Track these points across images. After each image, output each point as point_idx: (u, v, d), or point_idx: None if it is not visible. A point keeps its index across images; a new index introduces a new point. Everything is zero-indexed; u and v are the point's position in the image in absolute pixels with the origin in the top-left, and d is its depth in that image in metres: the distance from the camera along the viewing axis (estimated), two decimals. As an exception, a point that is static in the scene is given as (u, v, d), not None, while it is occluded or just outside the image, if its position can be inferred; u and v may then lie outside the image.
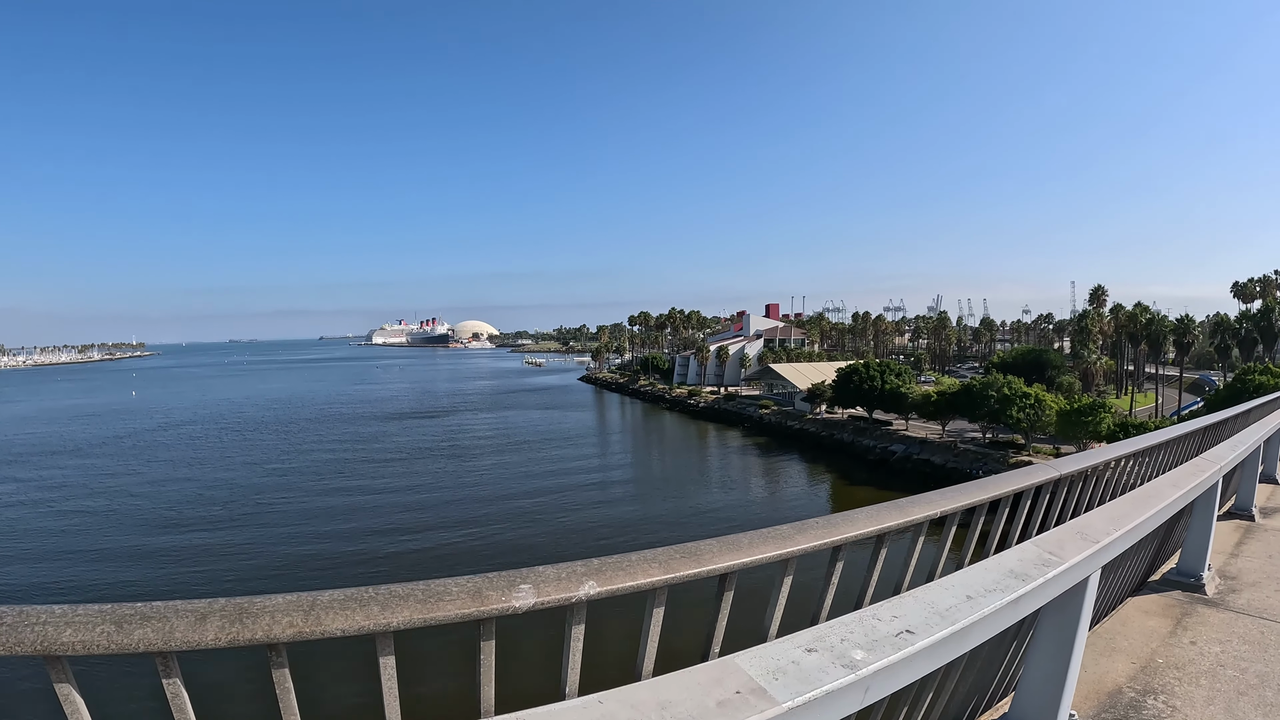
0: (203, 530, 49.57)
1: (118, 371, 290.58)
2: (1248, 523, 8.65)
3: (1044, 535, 3.38)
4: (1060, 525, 3.75)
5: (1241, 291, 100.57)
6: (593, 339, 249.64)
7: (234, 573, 40.63)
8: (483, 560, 41.99)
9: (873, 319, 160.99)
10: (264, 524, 51.13)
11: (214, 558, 43.62)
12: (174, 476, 67.84)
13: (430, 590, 1.90)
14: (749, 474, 71.38)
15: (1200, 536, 6.24)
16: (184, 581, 39.21)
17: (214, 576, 39.96)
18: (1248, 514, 8.81)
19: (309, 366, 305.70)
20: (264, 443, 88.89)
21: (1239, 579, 6.60)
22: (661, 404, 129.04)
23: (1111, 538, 3.44)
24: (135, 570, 41.79)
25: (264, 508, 55.61)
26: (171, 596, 1.67)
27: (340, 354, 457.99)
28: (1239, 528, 8.42)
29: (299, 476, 67.22)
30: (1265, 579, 6.65)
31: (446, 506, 55.20)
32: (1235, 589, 6.32)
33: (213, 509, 55.14)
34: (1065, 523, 3.77)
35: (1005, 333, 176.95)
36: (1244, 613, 5.73)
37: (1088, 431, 60.87)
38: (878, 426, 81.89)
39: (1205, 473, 5.37)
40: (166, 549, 45.50)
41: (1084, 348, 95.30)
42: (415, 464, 73.00)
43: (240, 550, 45.11)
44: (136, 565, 42.70)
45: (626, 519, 51.88)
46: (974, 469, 64.09)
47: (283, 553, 44.51)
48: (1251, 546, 7.66)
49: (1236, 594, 6.19)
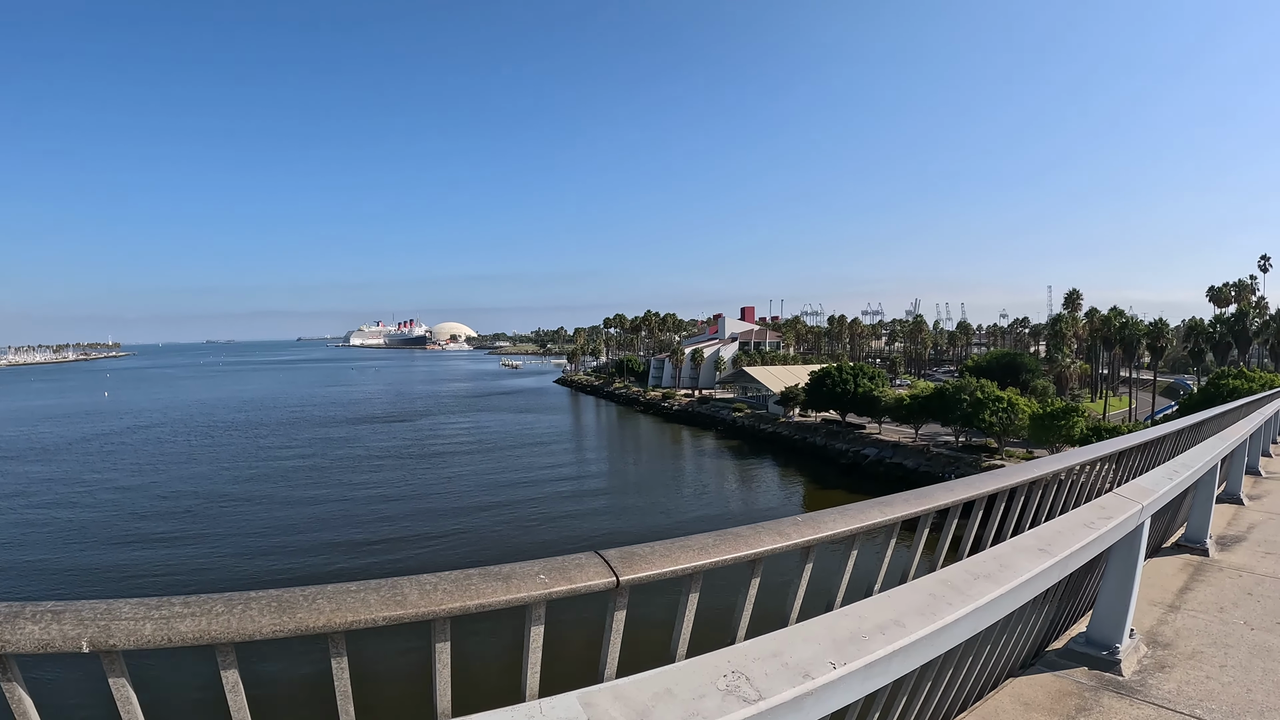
0: (161, 542, 47.43)
1: (92, 372, 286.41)
2: (1199, 559, 6.98)
3: None
4: None
5: (1217, 296, 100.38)
6: (570, 341, 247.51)
7: (192, 585, 38.67)
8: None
9: (848, 322, 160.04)
10: (225, 533, 49.03)
11: (171, 570, 41.72)
12: (137, 483, 65.71)
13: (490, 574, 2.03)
14: (721, 479, 69.56)
15: (1116, 596, 4.60)
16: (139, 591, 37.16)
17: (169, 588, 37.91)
18: (1200, 547, 7.16)
19: (284, 368, 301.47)
20: (230, 446, 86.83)
21: (1172, 648, 4.93)
22: (636, 407, 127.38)
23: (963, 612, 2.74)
24: (92, 582, 39.93)
25: (226, 515, 53.54)
26: None
27: (317, 355, 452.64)
28: (1186, 567, 6.76)
29: (262, 483, 64.91)
30: (1210, 646, 4.94)
31: (409, 517, 52.76)
32: (1166, 664, 4.68)
33: (172, 519, 52.94)
34: None
35: (981, 336, 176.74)
36: (1170, 708, 4.08)
37: (1060, 435, 60.03)
38: (850, 430, 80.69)
39: (1120, 515, 4.10)
40: (124, 561, 43.56)
41: (1058, 351, 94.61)
42: (380, 471, 70.73)
43: (199, 562, 43.17)
44: (93, 576, 40.86)
45: (593, 530, 49.85)
46: (946, 473, 62.94)
47: (240, 565, 42.57)
48: (1199, 595, 6.01)
49: (1166, 673, 4.55)
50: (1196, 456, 6.13)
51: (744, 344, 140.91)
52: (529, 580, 2.03)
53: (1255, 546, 7.41)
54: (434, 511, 54.62)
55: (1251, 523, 8.36)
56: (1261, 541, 7.61)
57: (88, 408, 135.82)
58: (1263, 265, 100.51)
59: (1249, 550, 7.27)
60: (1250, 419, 9.63)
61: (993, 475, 3.77)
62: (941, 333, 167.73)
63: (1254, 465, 11.34)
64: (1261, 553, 7.21)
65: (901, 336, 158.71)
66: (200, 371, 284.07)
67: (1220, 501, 8.82)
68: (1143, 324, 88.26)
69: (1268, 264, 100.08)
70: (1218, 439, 7.29)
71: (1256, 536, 7.79)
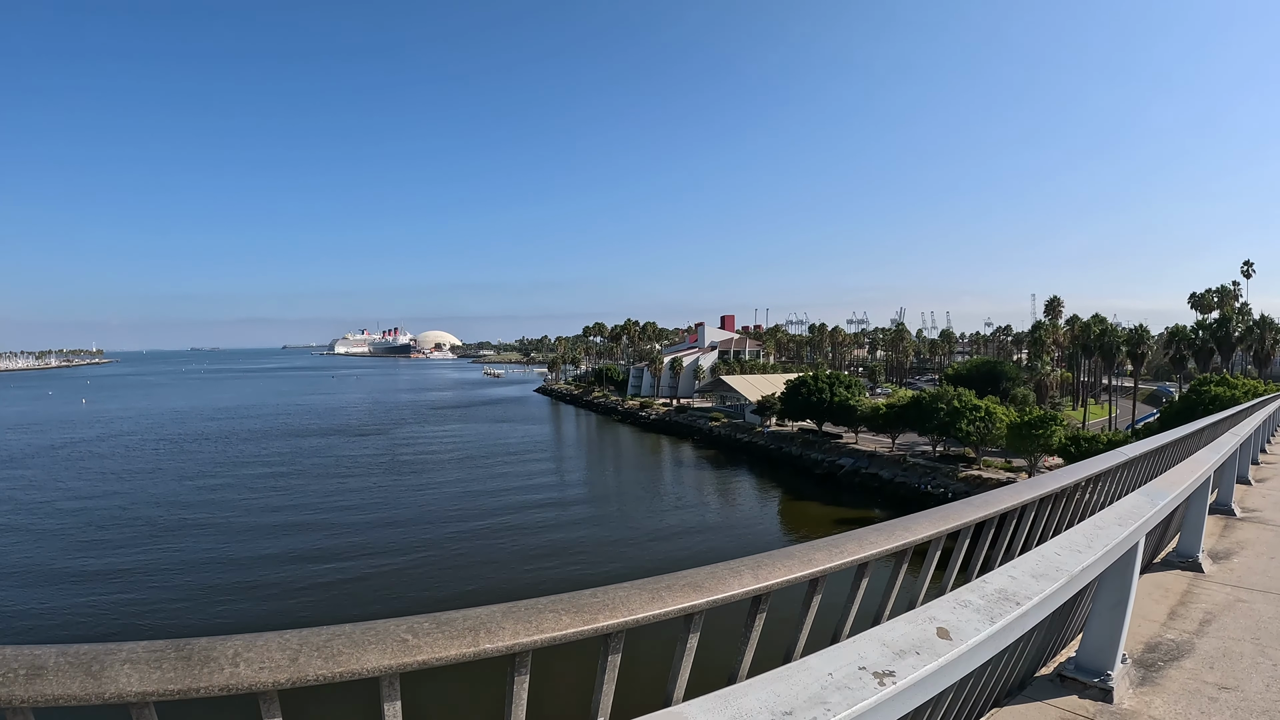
0: (116, 555, 45.53)
1: (73, 379, 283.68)
2: (1191, 574, 6.63)
3: None
4: None
5: (1200, 302, 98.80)
6: (553, 350, 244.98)
7: (141, 603, 37.24)
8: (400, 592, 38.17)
9: (829, 330, 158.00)
10: (184, 549, 46.94)
11: (124, 586, 39.93)
12: (100, 491, 64.39)
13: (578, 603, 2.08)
14: (697, 492, 66.91)
15: (1109, 618, 4.34)
16: (89, 614, 35.57)
17: (119, 607, 36.55)
18: (1192, 561, 6.79)
19: (264, 376, 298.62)
20: (199, 455, 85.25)
21: (1166, 669, 4.65)
22: (614, 416, 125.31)
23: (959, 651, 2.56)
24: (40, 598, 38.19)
25: (187, 529, 51.57)
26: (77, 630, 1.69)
27: (301, 363, 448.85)
28: (1179, 582, 6.45)
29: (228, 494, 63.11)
30: (1206, 667, 4.64)
31: (370, 532, 50.44)
32: (1160, 688, 4.39)
33: (131, 532, 51.03)
34: None
35: (965, 345, 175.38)
36: None
37: (1038, 445, 58.14)
38: (827, 439, 78.73)
39: (1116, 535, 3.91)
40: (78, 574, 41.88)
41: (1038, 359, 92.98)
42: (348, 481, 68.60)
43: (153, 578, 41.30)
44: (44, 592, 39.07)
45: (561, 548, 47.21)
46: (922, 483, 61.20)
47: (192, 582, 40.39)
48: (1193, 612, 5.67)
49: (1161, 698, 4.24)
50: (1190, 469, 5.85)
51: (723, 353, 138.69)
52: None
53: (1250, 560, 7.12)
54: (396, 524, 52.59)
55: (1244, 535, 8.12)
56: (1256, 555, 7.29)
57: (60, 416, 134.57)
58: (1245, 271, 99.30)
59: (1243, 564, 6.98)
60: (1241, 428, 9.48)
61: (984, 499, 3.64)
62: (924, 341, 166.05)
63: (1244, 474, 11.08)
64: (1257, 567, 6.91)
65: (883, 345, 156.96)
66: (180, 379, 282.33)
67: (1212, 513, 8.38)
68: (1121, 330, 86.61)
69: (1251, 270, 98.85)
70: (1209, 450, 6.97)
71: (1250, 550, 7.48)
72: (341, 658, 1.69)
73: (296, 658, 1.66)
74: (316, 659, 1.67)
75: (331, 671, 1.67)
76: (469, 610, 1.95)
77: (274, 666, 1.62)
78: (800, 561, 2.62)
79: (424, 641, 1.78)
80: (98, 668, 1.52)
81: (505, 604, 2.01)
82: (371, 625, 1.82)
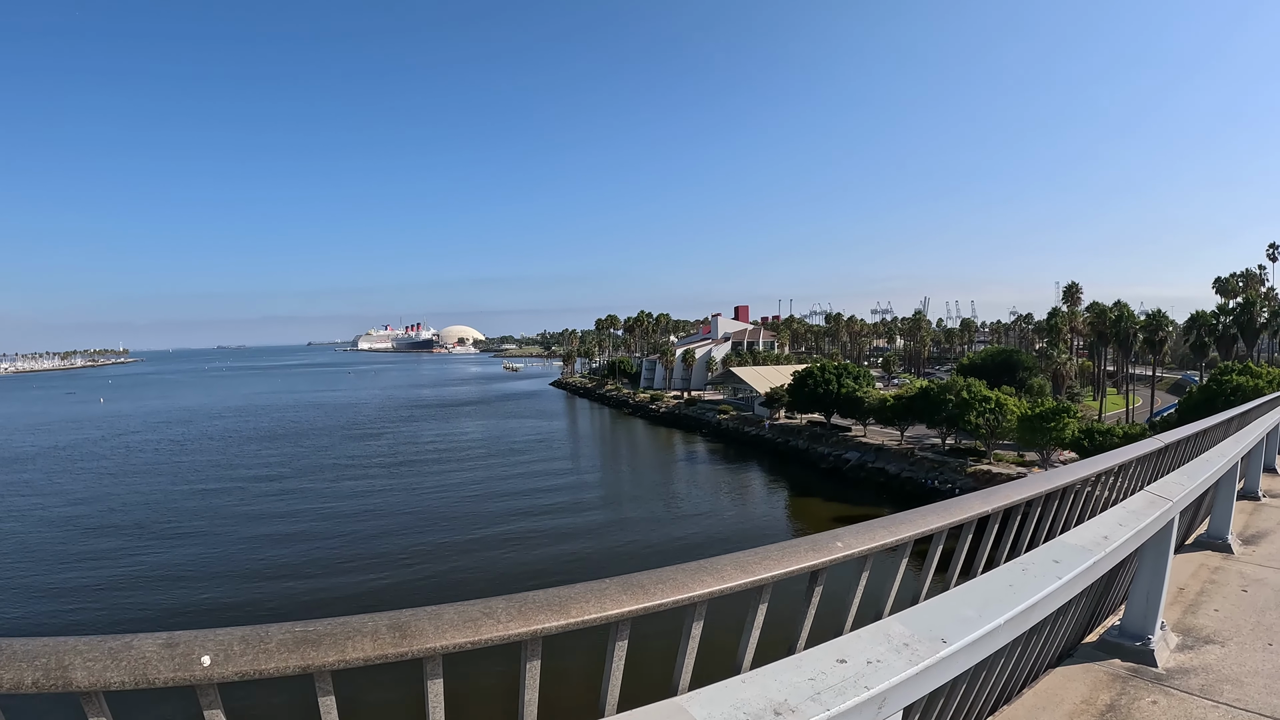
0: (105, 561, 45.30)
1: (96, 378, 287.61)
2: (1222, 555, 7.11)
3: None
4: None
5: (1224, 287, 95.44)
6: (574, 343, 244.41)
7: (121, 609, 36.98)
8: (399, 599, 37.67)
9: (845, 320, 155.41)
10: (176, 552, 46.60)
11: (106, 591, 39.72)
12: (96, 493, 64.37)
13: None
14: (699, 490, 65.08)
15: (1148, 590, 4.70)
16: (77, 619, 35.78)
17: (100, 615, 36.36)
18: (1222, 543, 7.20)
19: (285, 373, 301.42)
20: (203, 455, 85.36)
21: (1202, 640, 5.02)
22: (625, 409, 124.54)
23: None
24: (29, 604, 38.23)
25: (181, 532, 51.32)
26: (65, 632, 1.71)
27: (322, 360, 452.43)
28: (1210, 562, 6.92)
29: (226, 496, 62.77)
30: (1238, 637, 5.03)
31: (370, 538, 49.50)
32: (1197, 655, 4.80)
33: (123, 534, 50.99)
34: None
35: (985, 333, 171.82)
36: (1203, 696, 4.24)
37: (1050, 438, 56.09)
38: (835, 432, 77.10)
39: (1153, 512, 4.37)
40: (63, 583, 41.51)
41: (1054, 348, 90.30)
42: (347, 481, 68.09)
43: (140, 582, 41.06)
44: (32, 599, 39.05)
45: (556, 553, 46.15)
46: (929, 479, 59.43)
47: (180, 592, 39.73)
48: (1225, 589, 6.09)
49: (1197, 663, 4.68)
50: (1218, 455, 6.27)
51: (737, 344, 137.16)
52: None
53: (1277, 541, 7.57)
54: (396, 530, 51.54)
55: (1271, 519, 8.54)
56: None
57: (72, 415, 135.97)
58: (1271, 254, 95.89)
59: (1271, 545, 7.40)
60: (1268, 417, 9.75)
61: (1038, 479, 3.96)
62: (943, 329, 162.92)
63: (1270, 463, 11.36)
64: None
65: (901, 334, 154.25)
66: (201, 377, 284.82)
67: (1239, 499, 8.73)
68: (1137, 317, 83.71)
69: (1276, 253, 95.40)
70: (1236, 438, 7.33)
71: (1278, 533, 7.93)
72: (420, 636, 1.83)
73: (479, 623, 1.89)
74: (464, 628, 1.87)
75: None
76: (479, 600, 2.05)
77: None
78: (795, 554, 2.63)
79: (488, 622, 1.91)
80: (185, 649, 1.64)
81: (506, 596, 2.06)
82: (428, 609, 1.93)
